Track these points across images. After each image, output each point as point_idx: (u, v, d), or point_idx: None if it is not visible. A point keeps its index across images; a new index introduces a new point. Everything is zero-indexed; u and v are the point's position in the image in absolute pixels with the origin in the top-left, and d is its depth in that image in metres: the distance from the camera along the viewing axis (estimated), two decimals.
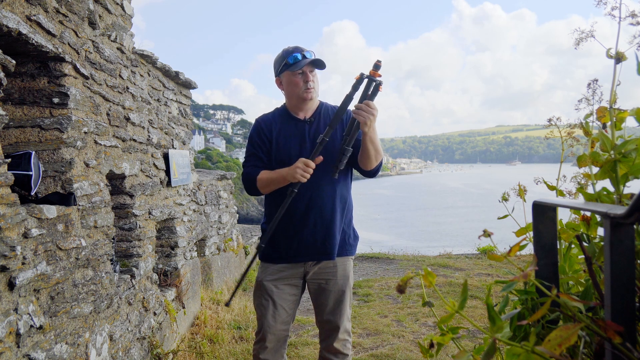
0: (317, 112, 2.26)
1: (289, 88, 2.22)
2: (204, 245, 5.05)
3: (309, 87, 2.17)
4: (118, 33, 2.84)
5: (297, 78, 2.17)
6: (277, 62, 2.23)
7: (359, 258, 7.50)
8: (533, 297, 0.89)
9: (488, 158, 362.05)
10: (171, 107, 4.04)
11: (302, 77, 2.16)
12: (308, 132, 2.22)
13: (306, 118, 2.25)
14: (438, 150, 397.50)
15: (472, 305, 4.64)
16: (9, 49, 1.96)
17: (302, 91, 2.18)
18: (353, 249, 2.34)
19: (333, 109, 2.30)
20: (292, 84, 2.19)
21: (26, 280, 1.67)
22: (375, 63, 2.03)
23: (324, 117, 2.25)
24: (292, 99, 2.24)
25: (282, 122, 2.26)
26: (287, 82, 2.21)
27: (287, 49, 2.19)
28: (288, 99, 2.27)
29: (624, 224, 0.62)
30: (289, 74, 2.18)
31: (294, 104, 2.25)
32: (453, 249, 9.20)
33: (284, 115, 2.28)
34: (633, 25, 0.86)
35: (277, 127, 2.25)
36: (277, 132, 2.24)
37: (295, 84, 2.18)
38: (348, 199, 2.31)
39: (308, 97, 2.19)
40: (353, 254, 2.35)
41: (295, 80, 2.17)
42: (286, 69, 2.17)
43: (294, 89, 2.19)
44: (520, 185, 1.17)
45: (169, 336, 3.48)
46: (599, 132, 0.88)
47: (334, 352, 2.30)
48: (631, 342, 0.62)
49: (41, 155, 2.19)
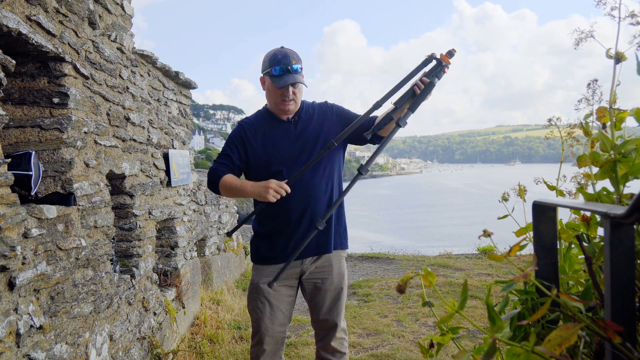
0: (299, 111, 2.25)
1: (268, 94, 2.21)
2: (204, 245, 5.05)
3: (286, 100, 2.14)
4: (118, 33, 2.84)
5: (276, 90, 2.14)
6: (264, 63, 2.18)
7: (359, 258, 7.49)
8: (533, 297, 0.89)
9: (488, 158, 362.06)
10: (171, 107, 4.04)
11: (282, 90, 2.13)
12: (294, 132, 2.22)
13: (289, 118, 2.24)
14: (438, 150, 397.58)
15: (472, 305, 4.64)
16: (9, 49, 1.96)
17: (280, 103, 2.16)
18: (345, 241, 2.36)
19: (312, 105, 2.31)
20: (273, 92, 2.16)
21: (26, 280, 1.67)
22: (450, 49, 2.04)
23: (307, 115, 2.26)
24: (271, 104, 2.24)
25: (266, 124, 2.25)
26: (268, 88, 2.19)
27: (275, 56, 2.12)
28: (268, 101, 2.26)
29: (624, 224, 0.62)
30: (270, 83, 2.15)
31: (273, 109, 2.25)
32: (453, 249, 9.20)
33: (267, 117, 2.26)
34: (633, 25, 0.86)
35: (262, 129, 2.24)
36: (263, 135, 2.23)
37: (275, 94, 2.16)
38: (340, 193, 2.33)
39: (286, 109, 2.18)
40: (347, 247, 2.37)
41: (275, 90, 2.14)
42: (269, 76, 2.14)
43: (274, 98, 2.18)
44: (520, 185, 1.17)
45: (169, 336, 3.48)
46: (599, 132, 0.88)
47: (332, 351, 2.30)
48: (631, 342, 0.62)
49: (41, 155, 2.19)
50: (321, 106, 2.32)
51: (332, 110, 2.30)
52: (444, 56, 2.01)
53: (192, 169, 4.52)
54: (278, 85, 2.09)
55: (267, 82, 2.17)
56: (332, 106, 2.33)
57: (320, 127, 2.23)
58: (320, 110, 2.30)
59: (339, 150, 2.29)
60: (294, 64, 2.10)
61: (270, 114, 2.26)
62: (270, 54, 2.16)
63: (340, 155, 2.31)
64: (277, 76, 2.10)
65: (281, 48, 2.16)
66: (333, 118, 2.27)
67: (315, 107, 2.31)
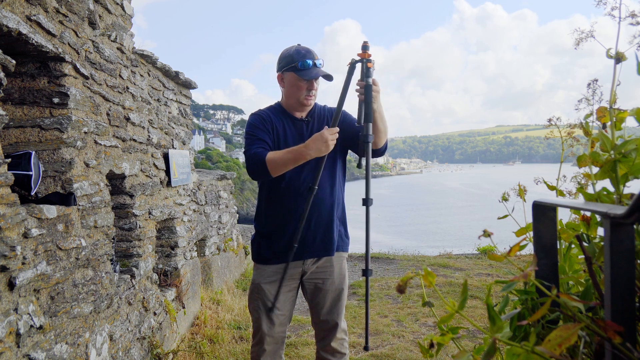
0: (312, 111, 2.30)
1: (291, 89, 2.21)
2: (204, 245, 5.05)
3: (310, 94, 2.20)
4: (118, 33, 2.84)
5: (302, 83, 2.17)
6: (285, 59, 2.20)
7: (359, 258, 7.49)
8: (533, 297, 0.89)
9: (488, 158, 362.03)
10: (171, 107, 4.04)
11: (307, 84, 2.17)
12: (306, 130, 2.24)
13: (303, 117, 2.27)
14: (438, 150, 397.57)
15: (472, 305, 4.64)
16: (9, 49, 1.96)
17: (304, 97, 2.19)
18: (347, 245, 2.38)
19: (324, 108, 2.35)
20: (296, 87, 2.19)
21: (26, 280, 1.67)
22: (362, 45, 2.08)
23: (318, 116, 2.29)
24: (290, 99, 2.25)
25: (279, 119, 2.26)
26: (289, 83, 2.21)
27: (299, 51, 2.17)
28: (286, 98, 2.27)
29: (624, 224, 0.62)
30: (295, 77, 2.17)
31: (292, 105, 2.25)
32: (453, 249, 9.21)
33: (280, 113, 2.28)
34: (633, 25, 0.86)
35: (275, 123, 2.25)
36: (276, 129, 2.24)
37: (298, 87, 2.18)
38: (342, 197, 2.35)
39: (308, 103, 2.22)
40: (347, 250, 2.39)
41: (300, 84, 2.17)
42: (293, 71, 2.16)
43: (296, 92, 2.19)
44: (520, 185, 1.17)
45: (169, 336, 3.48)
46: (599, 132, 0.88)
47: (332, 351, 2.30)
48: (631, 342, 0.62)
49: (41, 155, 2.19)
50: (332, 111, 2.34)
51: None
52: (362, 54, 2.06)
53: (192, 169, 4.52)
54: (308, 77, 2.13)
55: (290, 77, 2.19)
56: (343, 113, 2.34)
57: None
58: (331, 114, 2.32)
59: (342, 157, 2.32)
60: (317, 59, 2.18)
61: (284, 111, 2.27)
62: (292, 50, 2.19)
63: (342, 157, 2.33)
64: (306, 69, 2.14)
65: (299, 45, 2.22)
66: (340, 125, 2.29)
67: (326, 110, 2.35)
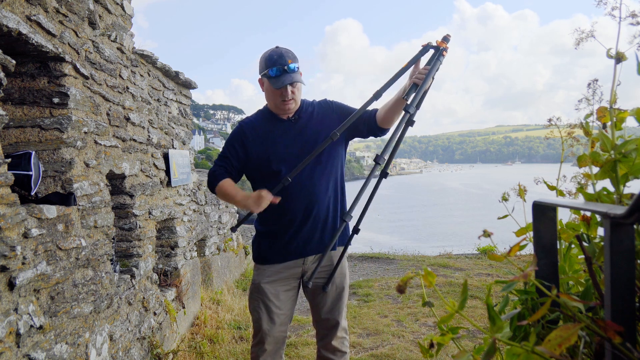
0: (299, 110, 2.24)
1: (268, 95, 2.20)
2: (204, 245, 5.05)
3: (286, 100, 2.13)
4: (118, 33, 2.84)
5: (276, 90, 2.12)
6: (260, 64, 2.16)
7: (358, 258, 7.49)
8: (533, 297, 0.89)
9: (488, 158, 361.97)
10: (171, 107, 4.04)
11: (281, 90, 2.11)
12: (294, 130, 2.21)
13: (289, 117, 2.23)
14: (438, 150, 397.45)
15: (472, 305, 4.64)
16: (9, 49, 1.96)
17: (279, 103, 2.16)
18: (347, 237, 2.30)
19: (312, 103, 2.30)
20: (271, 93, 2.15)
21: (26, 280, 1.67)
22: (444, 35, 2.10)
23: (306, 113, 2.25)
24: (270, 104, 2.23)
25: (266, 123, 2.24)
26: (266, 90, 2.18)
27: (271, 57, 2.10)
28: (267, 102, 2.25)
29: (624, 224, 0.62)
30: (269, 84, 2.13)
31: (273, 108, 2.23)
32: (453, 249, 9.21)
33: (267, 116, 2.26)
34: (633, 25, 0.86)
35: (262, 128, 2.23)
36: (263, 134, 2.22)
37: (274, 94, 2.14)
38: (344, 188, 2.32)
39: (286, 108, 2.17)
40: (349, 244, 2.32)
41: (274, 91, 2.13)
42: (267, 78, 2.12)
43: (273, 98, 2.17)
44: (520, 185, 1.16)
45: (169, 336, 3.48)
46: (599, 132, 0.88)
47: (332, 350, 2.29)
48: (631, 342, 0.62)
49: (41, 155, 2.19)
50: (321, 104, 2.31)
51: (332, 108, 2.29)
52: (440, 42, 2.06)
53: (192, 169, 4.52)
54: (276, 86, 2.08)
55: (266, 84, 2.16)
56: (332, 103, 2.31)
57: (321, 125, 2.22)
58: (320, 108, 2.29)
59: (340, 148, 2.28)
60: (290, 63, 2.08)
61: (271, 113, 2.25)
62: (265, 55, 2.13)
63: (341, 153, 2.30)
64: (275, 77, 2.08)
65: (276, 48, 2.14)
66: (333, 115, 2.26)
67: (315, 105, 2.30)
